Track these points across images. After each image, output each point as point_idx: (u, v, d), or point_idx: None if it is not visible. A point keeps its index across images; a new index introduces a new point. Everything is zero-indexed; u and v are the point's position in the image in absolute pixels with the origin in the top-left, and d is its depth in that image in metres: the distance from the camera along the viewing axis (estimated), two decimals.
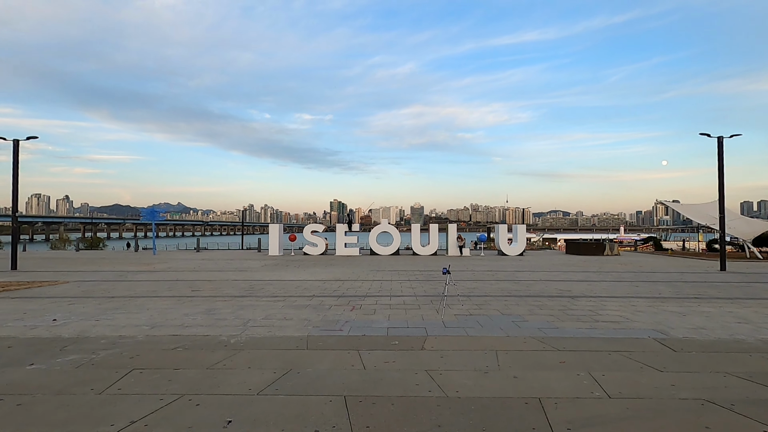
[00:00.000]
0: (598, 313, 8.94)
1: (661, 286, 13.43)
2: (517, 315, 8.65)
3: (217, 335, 6.92)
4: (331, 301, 10.43)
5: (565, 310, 9.25)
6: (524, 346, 6.29)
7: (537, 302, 10.21)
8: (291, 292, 11.97)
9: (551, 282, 14.39)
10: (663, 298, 11.07)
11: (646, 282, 14.62)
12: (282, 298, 10.89)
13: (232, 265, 22.26)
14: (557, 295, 11.33)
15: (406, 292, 12.00)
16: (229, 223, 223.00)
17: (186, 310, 9.06)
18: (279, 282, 14.34)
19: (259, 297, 10.98)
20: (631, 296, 11.30)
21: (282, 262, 23.60)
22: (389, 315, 8.66)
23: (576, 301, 10.35)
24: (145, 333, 7.09)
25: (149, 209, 32.05)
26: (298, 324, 7.77)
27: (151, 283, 14.00)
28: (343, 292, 11.84)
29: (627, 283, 14.37)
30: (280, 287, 12.93)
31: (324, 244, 30.80)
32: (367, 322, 7.99)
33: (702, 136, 21.36)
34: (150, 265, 22.13)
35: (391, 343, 6.45)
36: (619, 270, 19.38)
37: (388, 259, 26.13)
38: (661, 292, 12.16)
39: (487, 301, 10.39)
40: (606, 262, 24.78)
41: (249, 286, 13.10)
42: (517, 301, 10.30)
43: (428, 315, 8.67)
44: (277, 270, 19.03)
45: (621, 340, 6.67)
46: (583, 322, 8.04)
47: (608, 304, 10.06)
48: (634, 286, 13.56)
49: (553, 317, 8.45)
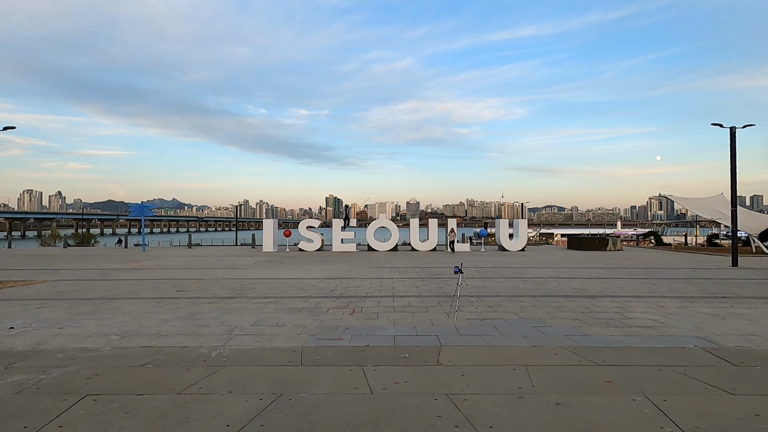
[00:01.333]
0: (626, 315, 8.04)
1: (681, 284, 12.57)
2: (538, 319, 7.73)
3: (197, 347, 5.94)
4: (328, 302, 9.47)
5: (588, 312, 8.34)
6: (557, 360, 5.36)
7: (555, 303, 9.30)
8: (284, 292, 11.00)
9: (562, 280, 13.50)
10: (689, 297, 10.20)
11: (663, 279, 13.77)
12: (274, 299, 9.91)
13: (223, 262, 21.23)
14: (574, 295, 10.43)
15: (409, 291, 11.06)
16: (223, 218, 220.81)
17: (165, 315, 8.06)
18: (272, 281, 13.35)
19: (249, 298, 9.99)
20: (654, 296, 10.42)
21: (276, 259, 22.59)
22: (394, 319, 7.72)
23: (597, 302, 9.45)
24: (112, 344, 6.09)
25: (138, 205, 30.85)
26: (292, 331, 6.81)
27: (133, 283, 12.97)
28: (342, 292, 10.88)
29: (643, 280, 13.51)
30: (272, 287, 11.95)
31: (320, 239, 29.83)
32: (370, 328, 7.04)
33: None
34: (137, 263, 21.08)
35: (400, 356, 5.50)
36: (628, 266, 18.55)
37: (386, 255, 25.19)
38: (684, 290, 11.29)
39: (499, 302, 9.48)
40: (611, 257, 23.96)
41: (239, 286, 12.11)
42: (533, 302, 9.38)
43: (438, 319, 7.73)
44: (270, 267, 18.03)
45: (665, 351, 5.76)
46: (613, 327, 7.14)
47: (633, 305, 9.17)
48: (652, 283, 12.70)
49: (578, 321, 7.54)
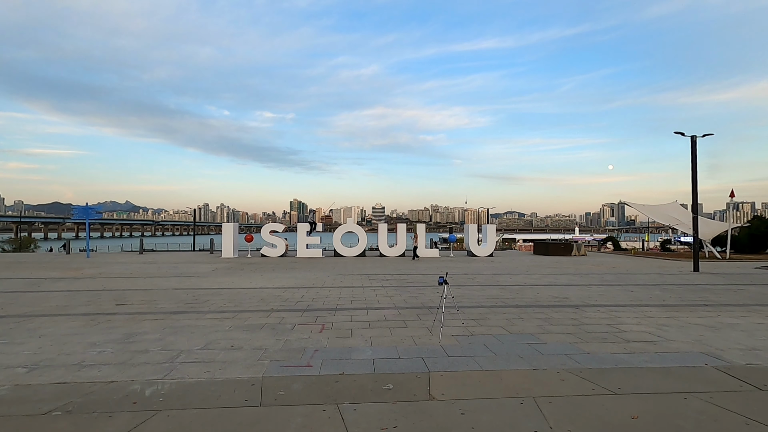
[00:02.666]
0: (619, 328, 7.48)
1: (657, 291, 12.37)
2: (529, 334, 7.02)
3: (128, 381, 4.75)
4: (293, 317, 8.38)
5: (579, 325, 7.73)
6: (566, 388, 4.61)
7: (541, 314, 8.66)
8: (244, 304, 9.80)
9: (540, 287, 13.02)
10: (672, 306, 9.87)
11: (636, 286, 13.57)
12: (231, 313, 8.71)
13: (177, 269, 19.50)
14: (557, 305, 9.87)
15: (383, 302, 10.13)
16: (181, 222, 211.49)
17: (96, 337, 6.73)
18: (230, 291, 12.05)
19: (201, 313, 8.73)
20: (638, 304, 10.03)
21: (236, 266, 21.06)
22: (371, 337, 6.77)
23: (584, 313, 8.89)
24: (15, 380, 4.79)
25: (82, 206, 28.18)
26: (250, 356, 5.71)
27: (66, 295, 11.31)
28: (309, 304, 9.80)
29: (618, 287, 13.25)
30: (230, 298, 10.69)
31: (284, 245, 28.40)
32: (344, 350, 6.06)
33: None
34: (78, 270, 19.00)
35: (383, 388, 4.56)
36: (598, 272, 18.49)
37: (354, 261, 24.18)
38: (663, 298, 11.01)
39: (483, 314, 8.73)
40: (578, 262, 24.07)
41: (192, 298, 10.76)
42: (518, 314, 8.70)
43: (420, 336, 6.85)
44: (229, 275, 16.60)
45: (678, 372, 5.15)
46: (611, 342, 6.52)
47: (621, 315, 8.67)
48: (629, 290, 12.42)
49: (572, 336, 6.88)
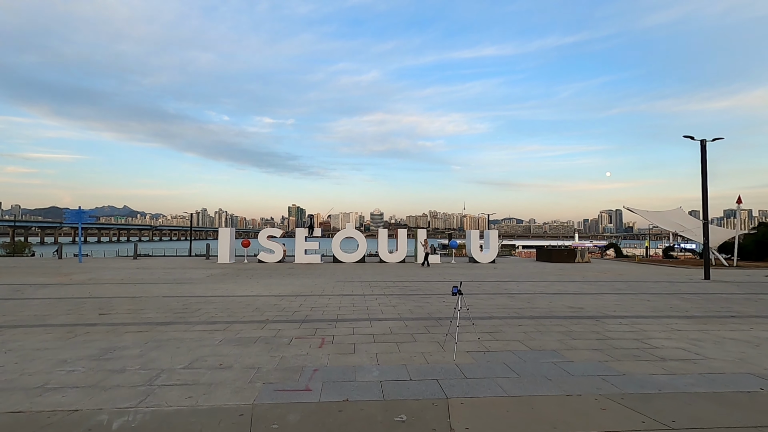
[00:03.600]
0: (648, 344, 6.80)
1: (675, 300, 11.70)
2: (551, 350, 6.33)
3: (94, 410, 4.05)
4: (290, 329, 7.68)
5: (604, 339, 7.05)
6: (611, 420, 3.92)
7: (559, 327, 7.97)
8: (237, 314, 9.09)
9: (551, 296, 12.33)
10: (698, 317, 9.20)
11: (652, 295, 12.90)
12: (223, 324, 8.00)
13: (170, 275, 18.75)
14: (574, 315, 9.19)
15: (387, 313, 9.43)
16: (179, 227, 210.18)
17: (68, 353, 6.01)
18: (223, 299, 11.33)
19: (190, 324, 8.02)
20: (660, 315, 9.36)
21: (232, 272, 20.32)
22: (376, 354, 6.07)
23: (605, 325, 8.21)
24: None
25: (75, 210, 27.41)
26: (241, 378, 5.01)
27: (48, 303, 10.58)
28: (307, 314, 9.10)
29: (633, 296, 12.57)
30: (223, 307, 9.97)
31: (282, 250, 27.72)
32: (347, 369, 5.36)
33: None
34: (68, 276, 18.25)
35: (394, 421, 3.87)
36: (606, 279, 17.82)
37: (353, 267, 23.46)
38: (685, 308, 10.34)
39: (496, 326, 8.04)
40: (583, 269, 23.41)
41: (182, 306, 10.04)
42: (535, 326, 8.01)
43: (431, 352, 6.16)
44: (224, 282, 15.87)
45: (732, 399, 4.47)
46: (646, 361, 5.83)
47: (646, 328, 7.99)
48: (645, 300, 11.75)
49: (600, 353, 6.19)
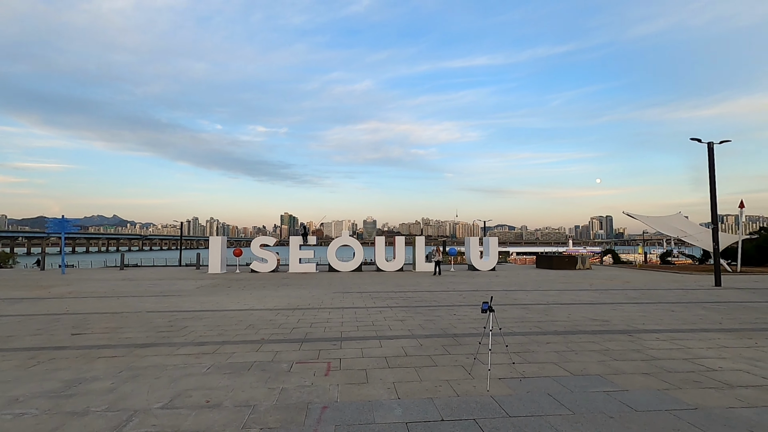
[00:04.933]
0: (702, 364, 5.95)
1: (700, 310, 10.91)
2: (596, 375, 5.45)
3: None
4: (290, 351, 6.72)
5: (649, 360, 6.19)
6: None
7: (592, 344, 7.11)
8: (228, 332, 8.10)
9: (567, 307, 11.48)
10: (736, 330, 8.39)
11: (672, 304, 12.10)
12: (212, 346, 7.02)
13: (157, 287, 17.64)
14: (603, 330, 8.33)
15: (397, 329, 8.50)
16: (169, 236, 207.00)
17: (24, 387, 5.00)
18: (214, 314, 10.32)
19: (174, 346, 7.02)
20: (694, 328, 8.53)
21: (223, 282, 19.24)
22: (394, 383, 5.14)
23: (642, 341, 7.36)
24: None
25: (57, 219, 26.12)
26: (232, 421, 4.05)
27: (18, 321, 9.49)
28: (307, 332, 8.14)
29: (653, 306, 11.76)
30: (213, 324, 8.97)
31: (275, 259, 26.66)
32: (363, 406, 4.42)
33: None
34: (47, 289, 17.08)
35: None
36: (616, 287, 17.04)
37: (351, 277, 22.48)
38: (717, 320, 9.53)
39: (522, 344, 7.14)
40: (587, 276, 22.65)
41: (167, 323, 9.03)
42: (564, 344, 7.14)
43: (458, 380, 5.24)
44: (215, 294, 14.82)
45: None
46: (711, 388, 4.97)
47: (689, 344, 7.15)
48: (669, 310, 10.95)
49: (653, 378, 5.32)
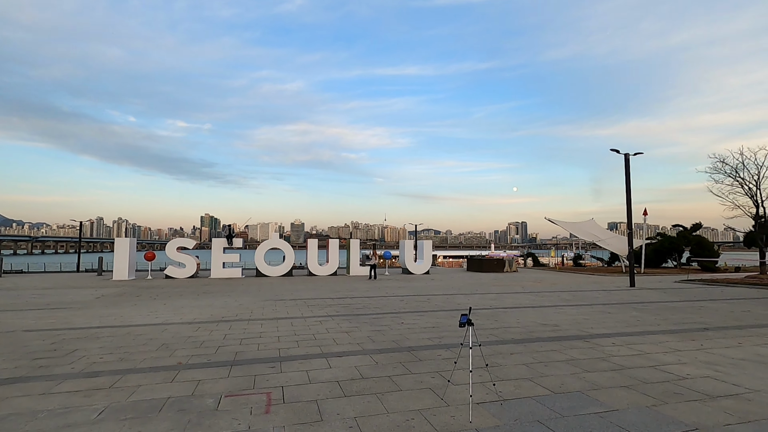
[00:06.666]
0: (670, 372, 5.69)
1: (633, 312, 11.24)
2: (577, 392, 4.89)
3: None
4: (216, 379, 5.38)
5: (619, 369, 5.82)
6: None
7: (556, 354, 6.65)
8: (134, 356, 6.48)
9: (512, 311, 11.24)
10: (677, 332, 8.53)
11: (605, 305, 12.44)
12: (110, 377, 5.43)
13: (45, 297, 14.73)
14: (558, 336, 8.01)
15: (342, 342, 7.43)
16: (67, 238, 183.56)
17: None
18: (116, 331, 8.45)
19: (54, 380, 5.32)
20: (640, 331, 8.54)
21: (131, 291, 16.68)
22: (356, 418, 4.10)
23: (601, 348, 7.07)
24: None
25: None
26: None
27: None
28: (237, 351, 6.78)
29: (589, 308, 11.97)
30: (113, 345, 7.22)
31: (195, 263, 24.10)
32: None
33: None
34: None
35: None
36: (547, 289, 17.51)
37: (281, 282, 20.87)
38: (656, 322, 9.73)
39: (487, 356, 6.44)
40: (516, 279, 23.33)
41: (48, 347, 7.09)
42: (529, 354, 6.60)
43: (430, 408, 4.36)
44: (119, 305, 12.57)
45: None
46: (696, 401, 4.61)
47: (644, 348, 6.99)
48: (607, 312, 11.14)
49: (636, 393, 4.88)
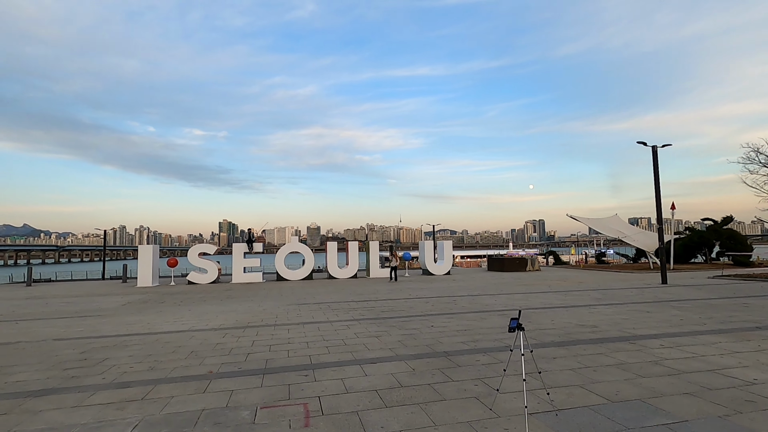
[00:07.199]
0: (733, 376, 5.25)
1: (674, 310, 10.68)
2: (636, 400, 4.52)
3: None
4: (249, 389, 5.18)
5: (677, 374, 5.40)
6: None
7: (603, 357, 6.26)
8: (163, 365, 6.34)
9: (545, 312, 10.81)
10: (727, 332, 8.01)
11: (642, 304, 11.88)
12: (141, 388, 5.29)
13: (72, 305, 14.89)
14: (600, 338, 7.59)
15: (374, 347, 7.18)
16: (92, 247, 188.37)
17: None
18: (143, 338, 8.38)
19: (85, 391, 5.21)
20: (687, 332, 8.04)
21: (155, 297, 16.78)
22: None
23: (650, 350, 6.64)
24: None
25: None
26: None
27: None
28: (267, 358, 6.58)
29: (625, 307, 11.44)
30: (142, 353, 7.12)
31: (216, 269, 24.22)
32: None
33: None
34: None
35: None
36: (575, 288, 16.94)
37: (302, 286, 20.76)
38: (702, 321, 9.21)
39: (529, 360, 6.12)
40: (540, 278, 22.73)
41: (78, 356, 7.03)
42: (574, 358, 6.23)
43: (481, 420, 4.05)
44: (145, 312, 12.59)
45: None
46: None
47: (697, 350, 6.54)
48: (645, 312, 10.62)
49: (702, 400, 4.48)
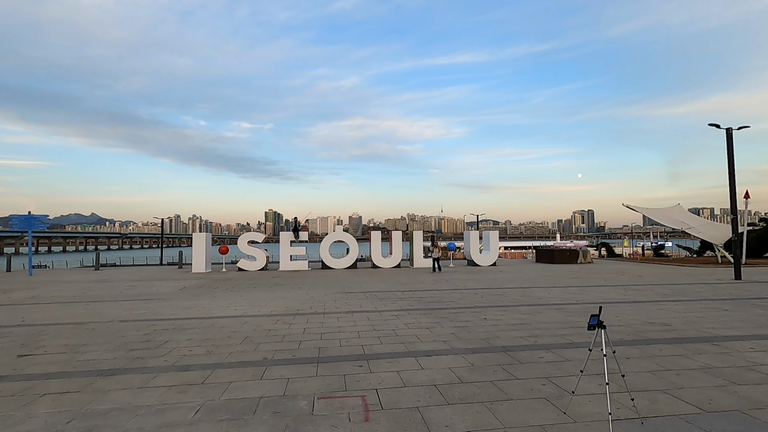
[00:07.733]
0: None
1: (756, 309, 9.66)
2: (734, 410, 3.99)
3: None
4: (305, 378, 5.11)
5: None
6: None
7: (684, 359, 5.67)
8: (220, 349, 6.45)
9: (606, 307, 10.11)
10: None
11: (717, 302, 10.86)
12: (200, 372, 5.36)
13: (135, 289, 15.76)
14: (676, 337, 6.93)
15: (427, 340, 6.94)
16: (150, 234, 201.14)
17: None
18: (200, 323, 8.62)
19: (150, 372, 5.35)
20: None
21: (209, 283, 17.45)
22: None
23: (739, 354, 5.95)
24: None
25: (23, 216, 23.80)
26: None
27: None
28: (319, 346, 6.53)
29: (697, 303, 10.49)
30: (200, 337, 7.30)
31: (264, 256, 24.89)
32: None
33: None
34: (6, 293, 15.09)
35: None
36: (634, 282, 15.84)
37: (347, 275, 20.88)
38: None
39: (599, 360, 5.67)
40: (594, 271, 21.53)
41: (142, 338, 7.31)
42: (650, 358, 5.69)
43: (553, 424, 3.70)
44: (200, 296, 13.07)
45: None
46: None
47: None
48: (723, 310, 9.66)
49: None
